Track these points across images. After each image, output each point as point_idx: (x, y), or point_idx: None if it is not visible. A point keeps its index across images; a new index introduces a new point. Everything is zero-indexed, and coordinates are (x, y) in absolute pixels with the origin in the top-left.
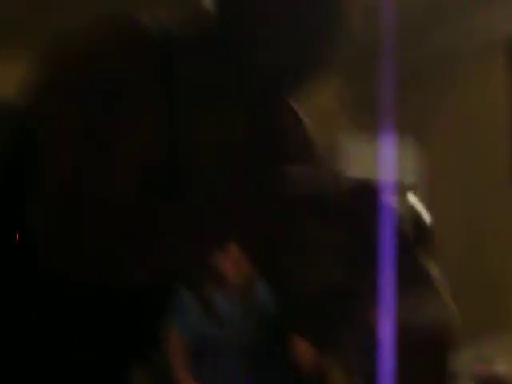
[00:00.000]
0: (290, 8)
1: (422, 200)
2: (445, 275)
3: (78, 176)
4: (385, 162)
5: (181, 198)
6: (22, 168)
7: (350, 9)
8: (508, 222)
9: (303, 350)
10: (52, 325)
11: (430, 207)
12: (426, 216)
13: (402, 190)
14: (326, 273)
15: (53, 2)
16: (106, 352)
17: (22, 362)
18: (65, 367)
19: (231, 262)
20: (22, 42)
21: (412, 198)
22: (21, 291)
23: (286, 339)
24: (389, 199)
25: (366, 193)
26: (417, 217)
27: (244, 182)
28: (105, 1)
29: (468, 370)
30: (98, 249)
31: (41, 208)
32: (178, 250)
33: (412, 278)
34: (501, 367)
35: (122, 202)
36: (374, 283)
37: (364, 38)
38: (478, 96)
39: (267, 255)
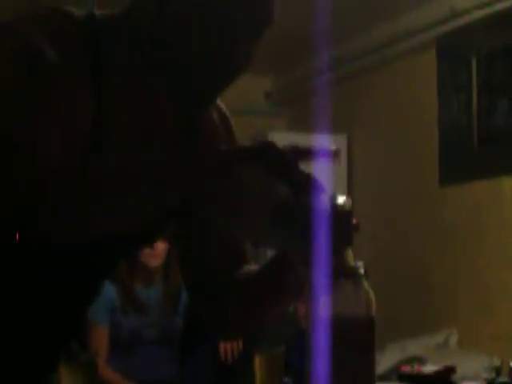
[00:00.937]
0: None
1: (350, 199)
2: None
3: (6, 138)
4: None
5: (104, 162)
6: None
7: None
8: (434, 224)
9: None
10: None
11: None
12: (352, 215)
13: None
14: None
15: None
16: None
17: None
18: None
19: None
20: None
21: (341, 197)
22: None
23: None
24: (321, 197)
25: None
26: (344, 216)
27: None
28: None
29: (394, 369)
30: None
31: None
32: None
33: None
34: (427, 368)
35: (49, 164)
36: (305, 276)
37: (296, 34)
38: (408, 94)
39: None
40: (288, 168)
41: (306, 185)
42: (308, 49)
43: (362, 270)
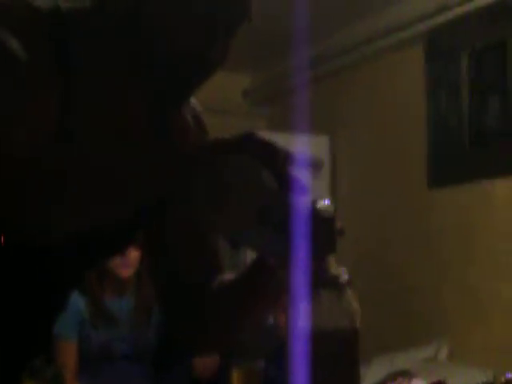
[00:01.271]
0: None
1: (334, 201)
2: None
3: None
4: (298, 160)
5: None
6: None
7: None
8: (422, 228)
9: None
10: None
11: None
12: (336, 221)
13: (315, 192)
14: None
15: None
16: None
17: None
18: None
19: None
20: None
21: (324, 202)
22: None
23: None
24: (303, 200)
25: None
26: (327, 222)
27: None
28: None
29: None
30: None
31: None
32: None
33: (322, 281)
34: (416, 382)
35: (15, 153)
36: (285, 284)
37: (275, 31)
38: (393, 93)
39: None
40: (273, 156)
41: (290, 180)
42: (287, 46)
43: (345, 278)
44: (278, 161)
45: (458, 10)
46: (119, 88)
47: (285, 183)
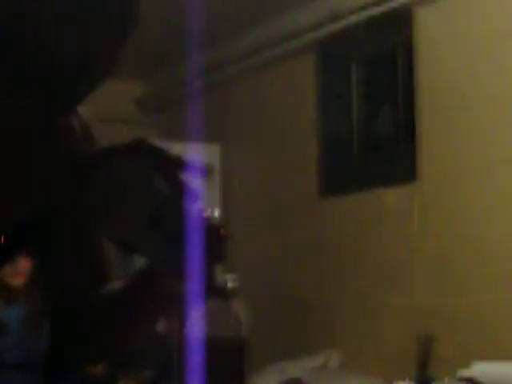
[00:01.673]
0: None
1: (225, 210)
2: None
3: None
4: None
5: None
6: None
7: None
8: (312, 238)
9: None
10: None
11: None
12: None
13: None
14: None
15: None
16: None
17: None
18: None
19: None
20: None
21: (211, 210)
22: None
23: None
24: (194, 208)
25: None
26: (214, 231)
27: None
28: None
29: None
30: None
31: None
32: None
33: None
34: None
35: None
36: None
37: (168, 38)
38: (284, 102)
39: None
40: (165, 161)
41: (182, 186)
42: (179, 54)
43: (233, 284)
44: (169, 166)
45: (349, 20)
46: (3, 98)
47: (177, 189)
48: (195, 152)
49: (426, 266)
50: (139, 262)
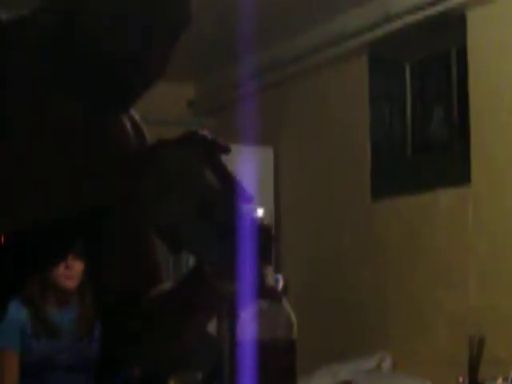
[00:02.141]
0: None
1: (277, 212)
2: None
3: None
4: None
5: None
6: None
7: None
8: (366, 240)
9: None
10: None
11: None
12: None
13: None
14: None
15: None
16: None
17: None
18: None
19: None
20: None
21: (262, 211)
22: None
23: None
24: (245, 207)
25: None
26: (264, 232)
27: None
28: None
29: None
30: None
31: None
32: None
33: (260, 292)
34: None
35: None
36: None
37: (220, 39)
38: (338, 104)
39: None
40: (216, 152)
41: (235, 182)
42: (232, 55)
43: (281, 284)
44: (221, 161)
45: (401, 22)
46: (54, 96)
47: (229, 184)
48: (248, 154)
49: (480, 268)
50: (187, 265)
